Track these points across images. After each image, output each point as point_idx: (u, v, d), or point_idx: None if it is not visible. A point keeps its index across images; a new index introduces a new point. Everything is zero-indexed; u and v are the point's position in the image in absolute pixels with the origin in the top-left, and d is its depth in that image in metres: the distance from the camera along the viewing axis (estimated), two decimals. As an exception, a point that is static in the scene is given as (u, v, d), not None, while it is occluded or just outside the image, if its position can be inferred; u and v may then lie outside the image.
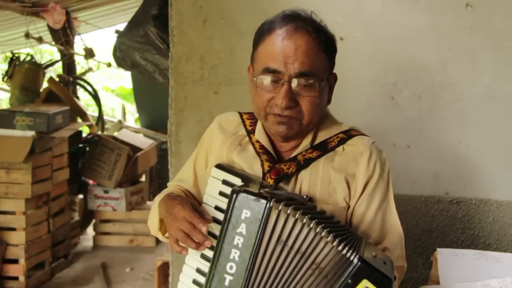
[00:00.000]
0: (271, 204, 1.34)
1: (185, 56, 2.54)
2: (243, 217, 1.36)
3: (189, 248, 1.44)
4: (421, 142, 2.45)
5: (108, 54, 7.16)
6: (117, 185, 5.19)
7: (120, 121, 7.79)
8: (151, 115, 7.33)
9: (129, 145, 5.42)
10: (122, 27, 3.61)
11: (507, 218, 2.42)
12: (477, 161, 2.42)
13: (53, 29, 5.80)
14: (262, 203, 1.35)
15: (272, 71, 1.48)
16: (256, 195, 1.36)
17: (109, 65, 7.40)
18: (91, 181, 5.42)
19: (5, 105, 7.60)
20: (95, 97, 6.35)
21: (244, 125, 1.68)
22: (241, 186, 1.41)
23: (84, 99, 8.54)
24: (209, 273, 1.38)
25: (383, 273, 1.34)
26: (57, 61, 6.34)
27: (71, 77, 6.12)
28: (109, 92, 12.42)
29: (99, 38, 9.85)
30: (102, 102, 6.87)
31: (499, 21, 2.35)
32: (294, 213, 1.36)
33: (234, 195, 1.37)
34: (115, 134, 6.24)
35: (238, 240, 1.36)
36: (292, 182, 1.54)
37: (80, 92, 6.74)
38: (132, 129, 7.33)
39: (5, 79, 5.15)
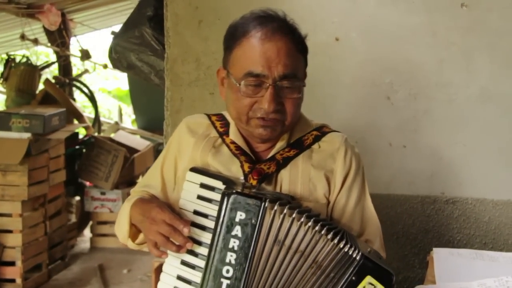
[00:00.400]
0: (266, 205, 1.34)
1: (181, 57, 2.53)
2: (237, 219, 1.34)
3: (169, 252, 1.41)
4: (417, 142, 2.45)
5: (104, 56, 7.15)
6: (114, 186, 5.18)
7: (116, 123, 7.78)
8: (147, 116, 7.31)
9: (126, 146, 5.41)
10: (118, 28, 3.60)
11: (503, 217, 2.42)
12: (473, 160, 2.42)
13: (49, 30, 5.79)
14: (257, 204, 1.34)
15: (256, 75, 1.46)
16: (250, 196, 1.35)
17: (105, 66, 7.39)
18: (87, 183, 5.41)
19: (0, 107, 7.58)
20: (92, 98, 6.35)
21: (214, 127, 1.65)
22: (229, 188, 1.38)
23: (80, 101, 8.53)
24: (203, 278, 1.35)
25: (385, 268, 1.36)
26: (53, 63, 6.34)
27: (67, 78, 6.11)
28: (106, 94, 12.39)
29: (95, 39, 9.84)
30: (99, 103, 6.88)
31: (494, 21, 2.36)
32: (291, 213, 1.35)
33: (226, 197, 1.35)
34: (112, 135, 6.22)
35: (234, 243, 1.34)
36: (273, 182, 1.54)
37: (77, 93, 6.73)
38: (129, 130, 7.32)
39: (1, 81, 5.14)
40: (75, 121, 5.27)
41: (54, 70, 7.40)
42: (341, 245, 1.35)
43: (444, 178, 2.45)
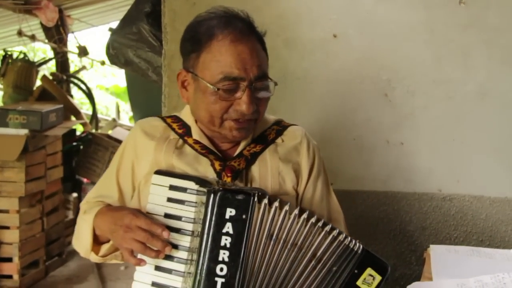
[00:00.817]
0: (255, 199, 1.34)
1: (178, 54, 2.49)
2: (227, 216, 1.33)
3: (146, 258, 1.37)
4: (415, 139, 2.45)
5: (102, 52, 7.13)
6: (111, 183, 5.17)
7: (114, 119, 7.77)
8: (145, 113, 7.24)
9: (123, 143, 5.40)
10: (116, 24, 3.60)
11: (500, 215, 2.43)
12: (470, 158, 2.42)
13: (46, 27, 5.79)
14: (247, 199, 1.34)
15: (233, 78, 1.45)
16: (238, 192, 1.35)
17: (102, 63, 7.39)
18: (85, 180, 5.41)
19: (-2, 103, 7.56)
20: (89, 95, 6.34)
21: (172, 128, 1.62)
22: (206, 186, 1.37)
23: (78, 97, 8.51)
24: (194, 280, 1.33)
25: (382, 260, 1.40)
26: (50, 59, 6.33)
27: (64, 75, 6.10)
28: (103, 91, 12.39)
29: (92, 35, 9.82)
30: (96, 100, 6.86)
31: (492, 18, 2.36)
32: (282, 206, 1.36)
33: (212, 195, 1.34)
34: (109, 132, 6.22)
35: (226, 240, 1.33)
36: (243, 178, 1.54)
37: (74, 90, 6.73)
38: (126, 127, 7.30)
39: (-2, 77, 5.13)
40: (73, 118, 5.25)
41: (51, 67, 7.38)
42: (340, 238, 1.37)
43: (441, 175, 2.45)
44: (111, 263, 1.64)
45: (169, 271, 1.37)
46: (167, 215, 1.39)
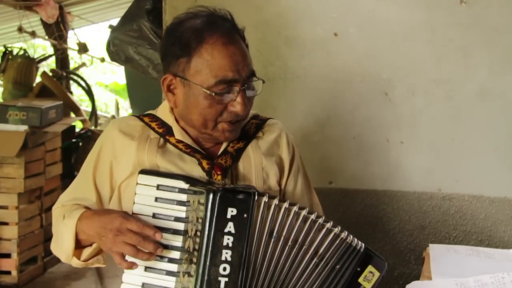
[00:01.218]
0: (256, 198, 1.34)
1: (179, 51, 2.52)
2: (229, 215, 1.32)
3: (137, 261, 1.35)
4: (414, 138, 2.45)
5: (101, 49, 7.13)
6: (110, 180, 5.17)
7: (113, 116, 7.77)
8: (144, 110, 7.24)
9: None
10: (116, 21, 3.59)
11: (499, 214, 2.43)
12: (470, 157, 2.42)
13: (46, 23, 5.78)
14: (247, 198, 1.34)
15: (229, 81, 1.44)
16: (238, 191, 1.35)
17: (102, 60, 7.38)
18: (84, 176, 5.40)
19: (-3, 99, 7.55)
20: (89, 92, 6.33)
21: (151, 128, 1.58)
22: (194, 185, 1.37)
23: (77, 94, 8.52)
24: (196, 279, 1.32)
25: (380, 257, 1.42)
26: (50, 56, 6.32)
27: (64, 71, 6.10)
28: (103, 87, 12.39)
29: (92, 33, 9.82)
30: (96, 97, 6.85)
31: (493, 18, 2.35)
32: (281, 205, 1.36)
33: (212, 195, 1.33)
34: (109, 129, 6.21)
35: (228, 240, 1.32)
36: (229, 175, 1.52)
37: (74, 87, 6.72)
38: (126, 124, 7.30)
39: (-2, 74, 5.13)
40: (72, 115, 5.25)
41: (51, 63, 7.38)
42: (343, 236, 1.38)
43: (441, 175, 2.45)
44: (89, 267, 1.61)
45: (160, 271, 1.36)
46: (155, 216, 1.37)
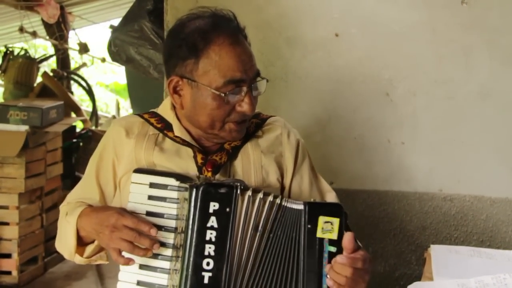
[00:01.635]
0: (238, 192, 1.34)
1: (180, 51, 2.52)
2: (211, 210, 1.33)
3: (133, 257, 1.36)
4: (416, 139, 2.45)
5: (102, 49, 7.13)
6: (110, 180, 5.17)
7: (114, 117, 7.78)
8: (144, 110, 7.27)
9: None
10: (117, 22, 3.59)
11: (500, 215, 2.43)
12: (471, 158, 2.42)
13: (47, 23, 5.78)
14: (229, 192, 1.34)
15: (237, 81, 1.45)
16: (220, 185, 1.35)
17: (103, 60, 7.39)
18: (84, 176, 5.40)
19: (-2, 99, 7.56)
20: (89, 92, 6.34)
21: (150, 123, 1.60)
22: (185, 181, 1.37)
23: (78, 94, 8.52)
24: (181, 276, 1.32)
25: (330, 203, 1.43)
26: (51, 56, 6.33)
27: (65, 72, 6.10)
28: (103, 88, 12.40)
29: (93, 33, 9.82)
30: (96, 97, 6.86)
31: (494, 18, 2.35)
32: (265, 198, 1.37)
33: (195, 190, 1.33)
34: (109, 129, 6.21)
35: (211, 234, 1.32)
36: (227, 173, 1.53)
37: (74, 87, 6.72)
38: (126, 124, 7.30)
39: (-1, 74, 5.13)
40: (73, 115, 5.26)
41: (52, 63, 7.38)
42: (278, 201, 1.37)
43: (442, 175, 2.45)
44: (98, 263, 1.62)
45: (153, 269, 1.37)
46: (149, 213, 1.38)
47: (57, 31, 5.98)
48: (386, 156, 2.47)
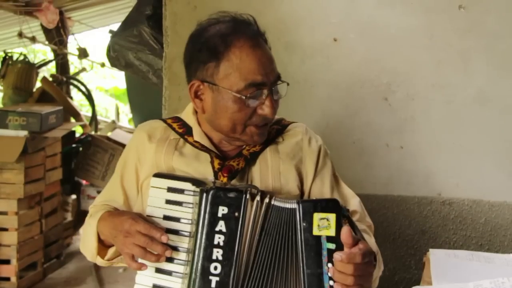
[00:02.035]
0: (247, 197, 1.34)
1: (179, 57, 2.49)
2: (220, 214, 1.34)
3: (147, 262, 1.37)
4: (414, 143, 2.45)
5: (102, 54, 7.15)
6: (110, 185, 5.17)
7: (113, 121, 7.76)
8: (144, 115, 7.25)
9: (123, 145, 5.39)
10: (116, 27, 3.60)
11: (499, 219, 2.43)
12: (469, 162, 2.43)
13: (47, 28, 5.78)
14: (239, 196, 1.34)
15: (258, 84, 1.45)
16: (230, 189, 1.36)
17: (102, 65, 7.38)
18: (84, 182, 5.40)
19: (-3, 104, 7.56)
20: (89, 97, 6.33)
21: (172, 128, 1.62)
22: (201, 186, 1.38)
23: (77, 99, 8.51)
24: (189, 280, 1.34)
25: (324, 199, 1.43)
26: (50, 61, 6.32)
27: (64, 77, 6.09)
28: (103, 92, 12.39)
29: (93, 38, 9.83)
30: (96, 102, 6.85)
31: (491, 23, 2.36)
32: (276, 203, 1.37)
33: (205, 194, 1.35)
34: (109, 134, 6.22)
35: (219, 239, 1.33)
36: (244, 178, 1.54)
37: (74, 92, 6.71)
38: (126, 129, 7.30)
39: (-2, 79, 5.13)
40: (72, 120, 5.25)
41: (51, 68, 7.38)
42: (273, 202, 1.36)
43: (441, 179, 2.45)
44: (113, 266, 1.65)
45: (169, 273, 1.37)
46: (166, 217, 1.40)
47: (57, 36, 5.98)
48: (385, 160, 2.47)
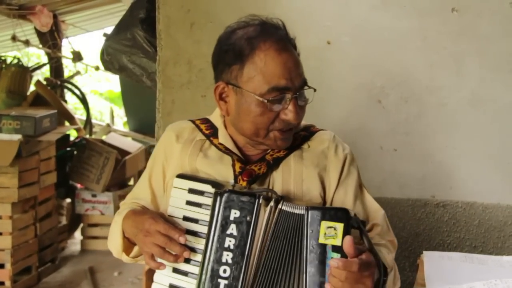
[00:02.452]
0: (260, 201, 1.34)
1: (173, 60, 2.53)
2: (232, 217, 1.34)
3: (165, 262, 1.39)
4: (408, 146, 2.46)
5: (96, 58, 7.13)
6: (105, 189, 5.16)
7: (108, 125, 7.75)
8: (139, 118, 7.29)
9: (117, 148, 5.40)
10: (110, 30, 3.60)
11: (492, 221, 2.44)
12: (463, 164, 2.44)
13: (40, 32, 5.77)
14: (251, 201, 1.34)
15: (281, 89, 1.44)
16: (243, 193, 1.36)
17: (97, 68, 7.37)
18: (78, 185, 5.39)
19: (-9, 108, 7.53)
20: (83, 100, 6.32)
21: (200, 129, 1.63)
22: (221, 188, 1.39)
23: (72, 103, 8.50)
24: (199, 281, 1.34)
25: (334, 207, 1.39)
26: (44, 64, 6.31)
27: (58, 80, 6.08)
28: (97, 96, 12.36)
29: (87, 41, 9.81)
30: (90, 105, 6.84)
31: (484, 26, 2.37)
32: (286, 208, 1.36)
33: (219, 197, 1.35)
34: (103, 137, 6.20)
35: (230, 242, 1.33)
36: (265, 183, 1.53)
37: (68, 95, 6.71)
38: (120, 132, 7.30)
39: (-8, 82, 5.10)
40: (66, 123, 5.24)
41: (45, 72, 7.37)
42: (281, 207, 1.36)
43: (434, 182, 2.46)
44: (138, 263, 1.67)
45: (185, 273, 1.39)
46: (185, 218, 1.42)
47: (50, 39, 5.97)
48: (378, 163, 2.48)
